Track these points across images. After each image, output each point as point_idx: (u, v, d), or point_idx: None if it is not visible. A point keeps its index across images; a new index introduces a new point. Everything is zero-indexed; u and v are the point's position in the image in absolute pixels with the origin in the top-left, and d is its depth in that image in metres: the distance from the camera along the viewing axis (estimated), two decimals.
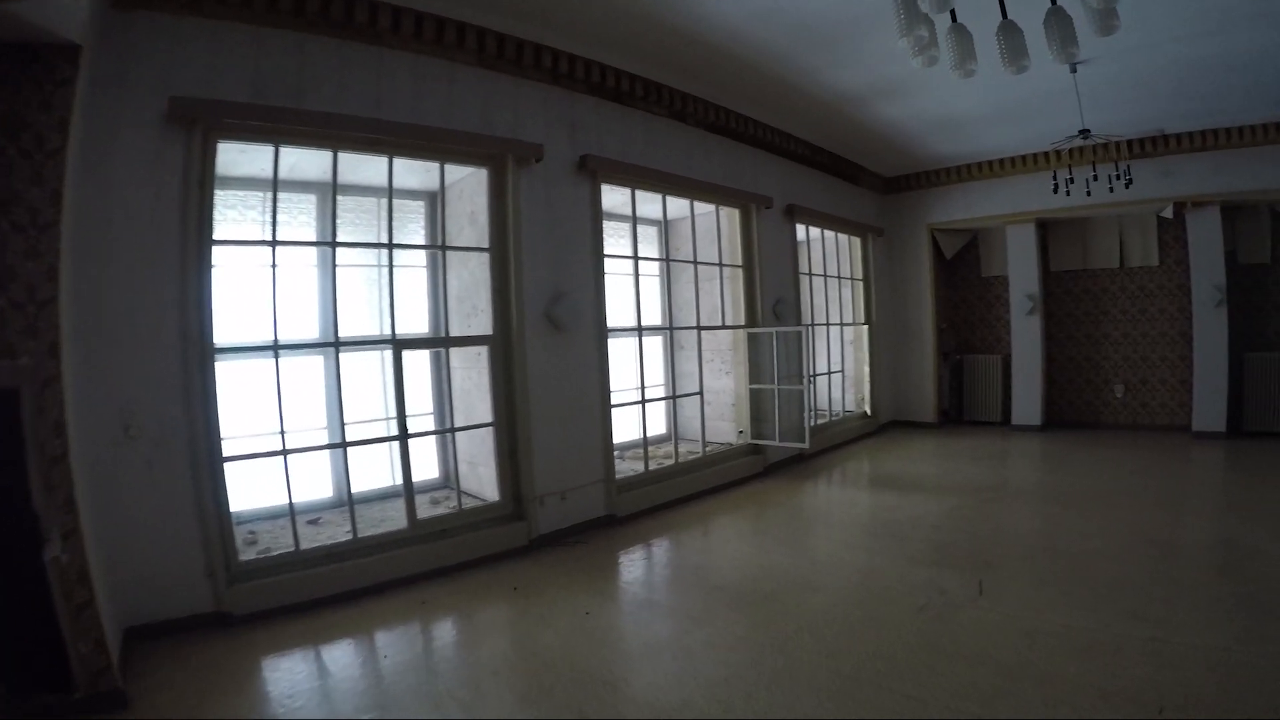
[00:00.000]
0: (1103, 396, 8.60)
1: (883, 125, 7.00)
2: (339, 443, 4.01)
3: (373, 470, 4.98)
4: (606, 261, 5.25)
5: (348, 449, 4.04)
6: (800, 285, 7.56)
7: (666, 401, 6.73)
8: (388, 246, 4.25)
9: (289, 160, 4.01)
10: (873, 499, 5.77)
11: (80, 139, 2.77)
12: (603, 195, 5.21)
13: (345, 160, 3.95)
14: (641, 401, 5.86)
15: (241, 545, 3.72)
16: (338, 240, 4.05)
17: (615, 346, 5.52)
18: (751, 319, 6.79)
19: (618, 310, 5.60)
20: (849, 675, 2.76)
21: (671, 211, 6.20)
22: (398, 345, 4.18)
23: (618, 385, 5.54)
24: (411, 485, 4.15)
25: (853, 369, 9.15)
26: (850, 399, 9.04)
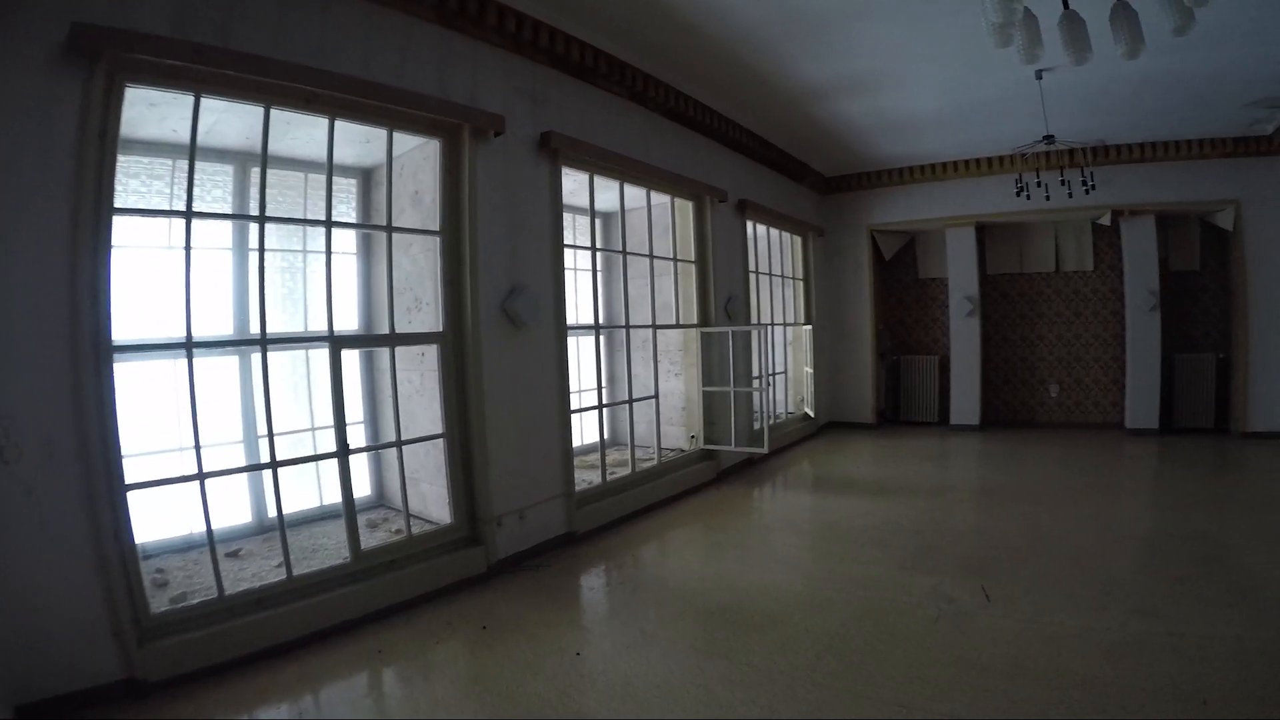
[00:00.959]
0: (1038, 396, 8.94)
1: (836, 122, 6.92)
2: (268, 462, 3.33)
3: (295, 490, 4.29)
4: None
5: (278, 469, 3.37)
6: (749, 284, 7.36)
7: (624, 406, 6.34)
8: (325, 224, 3.61)
9: (207, 120, 3.31)
10: (839, 504, 5.61)
11: None
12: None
13: (270, 127, 3.28)
14: (598, 406, 5.45)
15: (151, 589, 3.00)
16: (268, 215, 3.38)
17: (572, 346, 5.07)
18: (705, 317, 6.51)
19: (575, 306, 5.16)
20: (895, 702, 2.50)
21: (626, 201, 5.83)
22: (335, 344, 3.55)
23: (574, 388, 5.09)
24: (354, 510, 3.52)
25: (793, 370, 9.09)
26: (791, 400, 8.98)
